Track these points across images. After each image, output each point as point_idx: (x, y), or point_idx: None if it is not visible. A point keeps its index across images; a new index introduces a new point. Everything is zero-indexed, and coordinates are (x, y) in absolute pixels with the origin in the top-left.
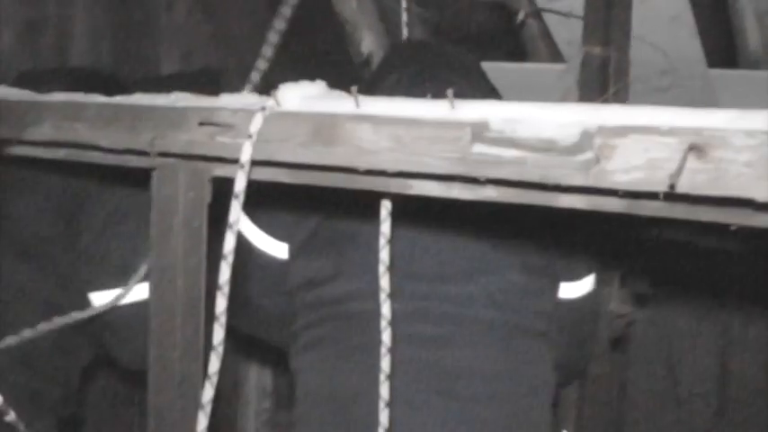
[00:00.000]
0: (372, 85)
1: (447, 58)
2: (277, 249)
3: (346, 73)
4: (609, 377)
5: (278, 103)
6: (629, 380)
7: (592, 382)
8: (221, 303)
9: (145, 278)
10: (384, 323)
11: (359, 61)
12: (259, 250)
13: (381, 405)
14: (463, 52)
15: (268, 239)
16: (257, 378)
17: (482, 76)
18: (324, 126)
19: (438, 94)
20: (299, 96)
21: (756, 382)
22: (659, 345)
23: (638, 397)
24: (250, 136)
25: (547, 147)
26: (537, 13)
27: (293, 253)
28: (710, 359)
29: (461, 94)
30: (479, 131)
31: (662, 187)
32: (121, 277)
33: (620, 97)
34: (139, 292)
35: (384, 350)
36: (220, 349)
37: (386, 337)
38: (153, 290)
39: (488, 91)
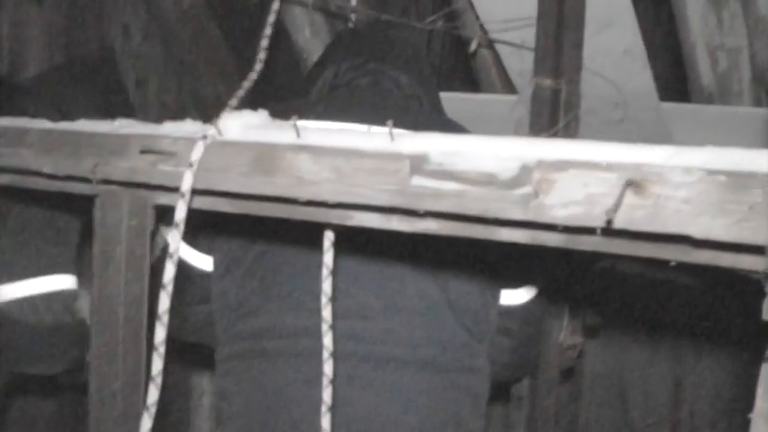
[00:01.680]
0: (310, 80)
1: (387, 48)
2: (202, 262)
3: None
4: (560, 408)
5: (219, 132)
6: (581, 411)
7: (543, 413)
8: (160, 333)
9: (20, 277)
10: (326, 354)
11: None
12: (185, 263)
13: None
14: (406, 40)
15: (193, 252)
16: (211, 405)
17: (422, 66)
18: (264, 156)
19: (373, 88)
20: (241, 125)
21: (708, 412)
22: (611, 375)
23: (591, 428)
24: (191, 164)
25: (486, 180)
26: (489, 43)
27: (217, 270)
28: (662, 389)
29: (398, 87)
30: (418, 164)
31: (600, 222)
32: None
33: (571, 130)
34: (15, 290)
35: (326, 381)
36: (159, 380)
37: (328, 368)
38: (94, 318)
39: (427, 80)
